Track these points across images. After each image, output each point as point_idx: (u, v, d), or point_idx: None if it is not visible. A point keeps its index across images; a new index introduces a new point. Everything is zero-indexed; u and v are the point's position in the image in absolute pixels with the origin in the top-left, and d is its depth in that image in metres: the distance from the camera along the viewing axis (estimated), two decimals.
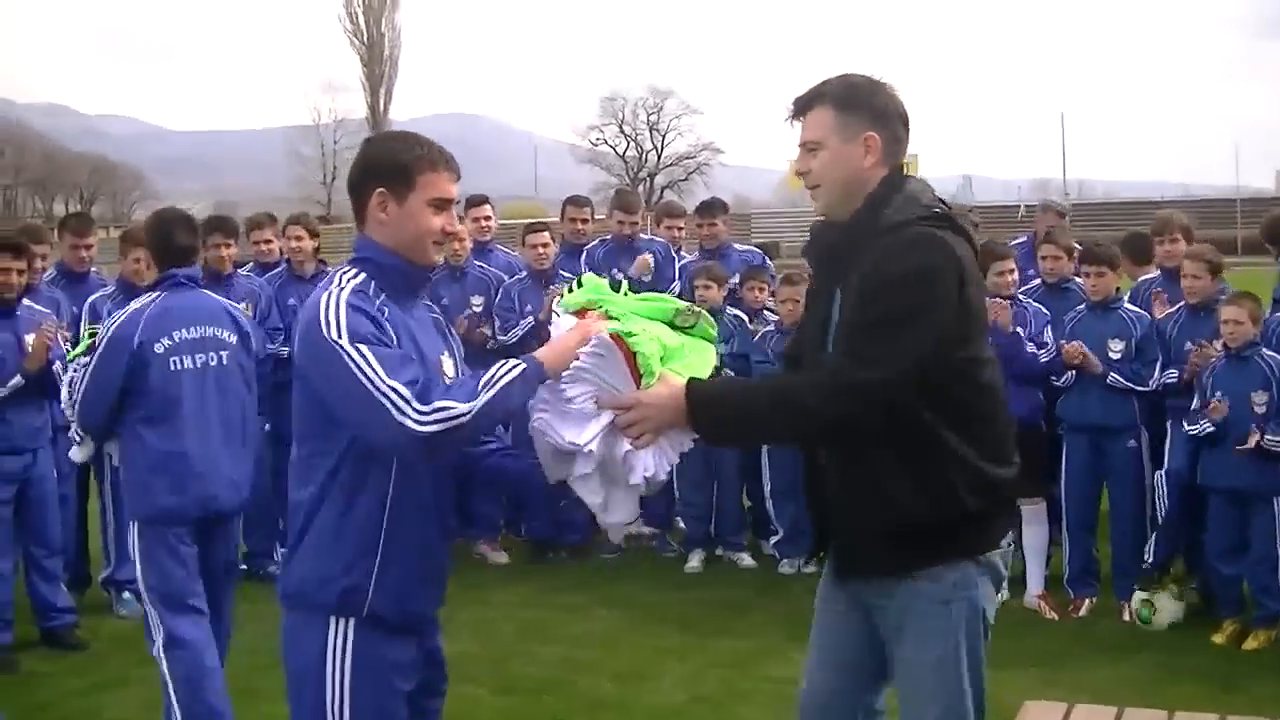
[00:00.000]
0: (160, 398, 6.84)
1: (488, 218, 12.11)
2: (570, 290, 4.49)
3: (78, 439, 7.46)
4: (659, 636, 9.26)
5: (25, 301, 9.09)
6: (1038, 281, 10.38)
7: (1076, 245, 10.38)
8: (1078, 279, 9.99)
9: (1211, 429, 8.74)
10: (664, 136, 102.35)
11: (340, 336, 4.00)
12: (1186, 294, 9.39)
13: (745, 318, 10.99)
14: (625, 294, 4.42)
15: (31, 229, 11.18)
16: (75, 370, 7.33)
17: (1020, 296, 9.88)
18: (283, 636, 4.38)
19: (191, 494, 6.88)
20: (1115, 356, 9.29)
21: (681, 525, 11.58)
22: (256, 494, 10.00)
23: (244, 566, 11.07)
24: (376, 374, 3.95)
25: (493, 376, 4.04)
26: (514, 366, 4.09)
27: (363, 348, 3.98)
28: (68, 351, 8.21)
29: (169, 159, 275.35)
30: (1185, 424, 9.01)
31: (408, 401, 3.91)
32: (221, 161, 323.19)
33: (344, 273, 4.24)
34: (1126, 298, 9.94)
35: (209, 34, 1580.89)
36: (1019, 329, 9.45)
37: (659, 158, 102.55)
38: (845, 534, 4.52)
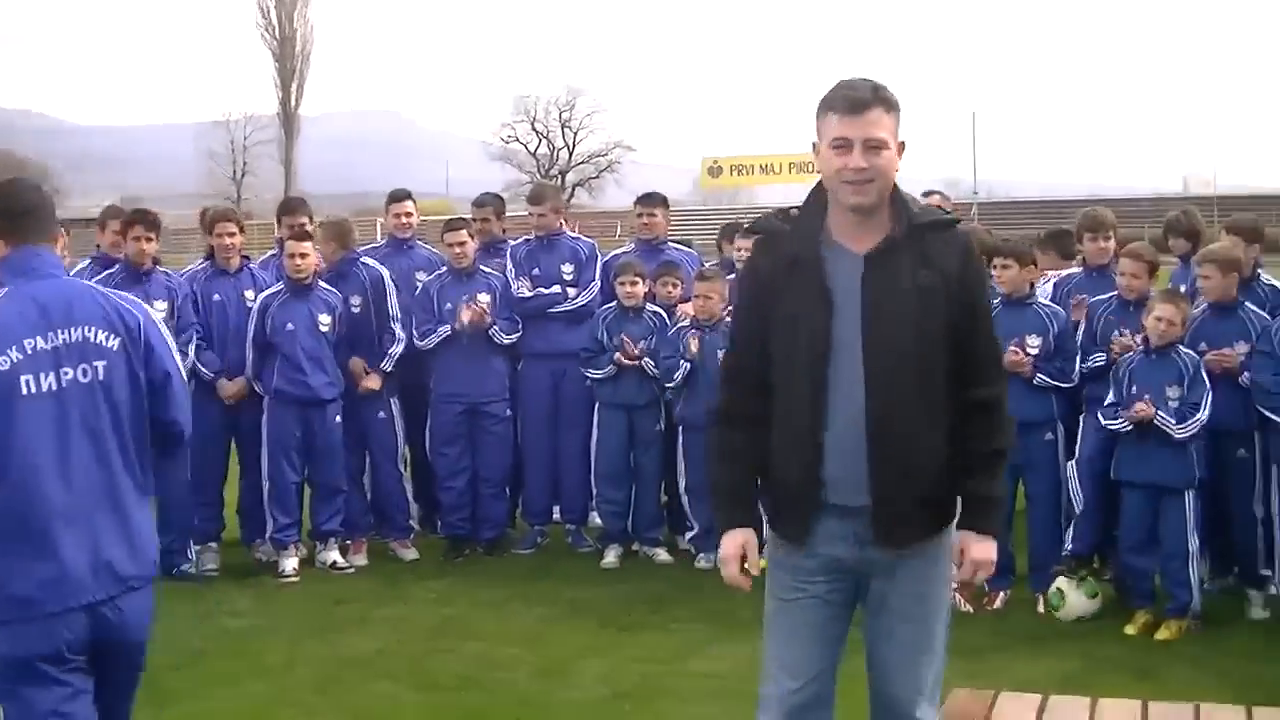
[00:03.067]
0: None
1: (409, 214, 11.96)
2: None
3: None
4: (579, 632, 9.24)
5: None
6: None
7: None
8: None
9: (1130, 427, 8.86)
10: (576, 134, 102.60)
11: None
12: (1124, 291, 9.50)
13: (665, 314, 10.97)
14: None
15: None
16: None
17: None
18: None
19: None
20: (1033, 352, 9.35)
21: (598, 521, 11.57)
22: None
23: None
24: None
25: None
26: None
27: None
28: None
29: (76, 155, 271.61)
30: (1101, 417, 9.11)
31: None
32: (130, 157, 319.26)
33: None
34: (1049, 292, 10.06)
35: (120, 28, 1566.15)
36: None
37: (570, 155, 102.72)
38: (892, 504, 4.74)
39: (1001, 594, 9.56)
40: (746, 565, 4.86)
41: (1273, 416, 8.87)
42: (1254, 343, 9.03)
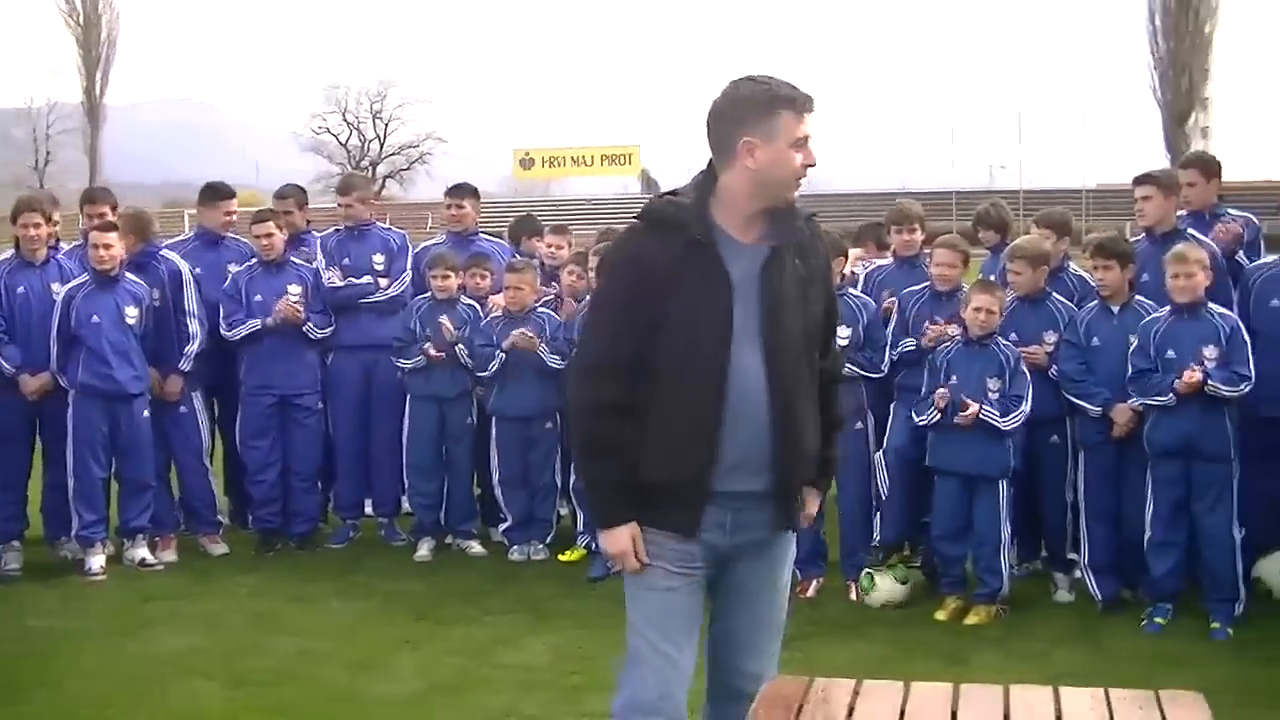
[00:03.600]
0: None
1: (235, 211, 11.86)
2: None
3: None
4: (394, 625, 9.18)
5: None
6: None
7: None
8: None
9: (939, 417, 8.99)
10: (387, 125, 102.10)
11: None
12: (937, 281, 9.66)
13: (478, 305, 10.92)
14: None
15: None
16: None
17: None
18: None
19: None
20: (843, 343, 9.41)
21: (409, 512, 11.51)
22: None
23: None
24: None
25: None
26: None
27: None
28: None
29: None
30: (915, 414, 9.23)
31: None
32: None
33: None
34: (860, 285, 10.17)
35: None
36: None
37: (381, 146, 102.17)
38: (790, 486, 4.94)
39: (815, 582, 9.65)
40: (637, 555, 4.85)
41: (1079, 403, 9.07)
42: (1061, 332, 9.24)
